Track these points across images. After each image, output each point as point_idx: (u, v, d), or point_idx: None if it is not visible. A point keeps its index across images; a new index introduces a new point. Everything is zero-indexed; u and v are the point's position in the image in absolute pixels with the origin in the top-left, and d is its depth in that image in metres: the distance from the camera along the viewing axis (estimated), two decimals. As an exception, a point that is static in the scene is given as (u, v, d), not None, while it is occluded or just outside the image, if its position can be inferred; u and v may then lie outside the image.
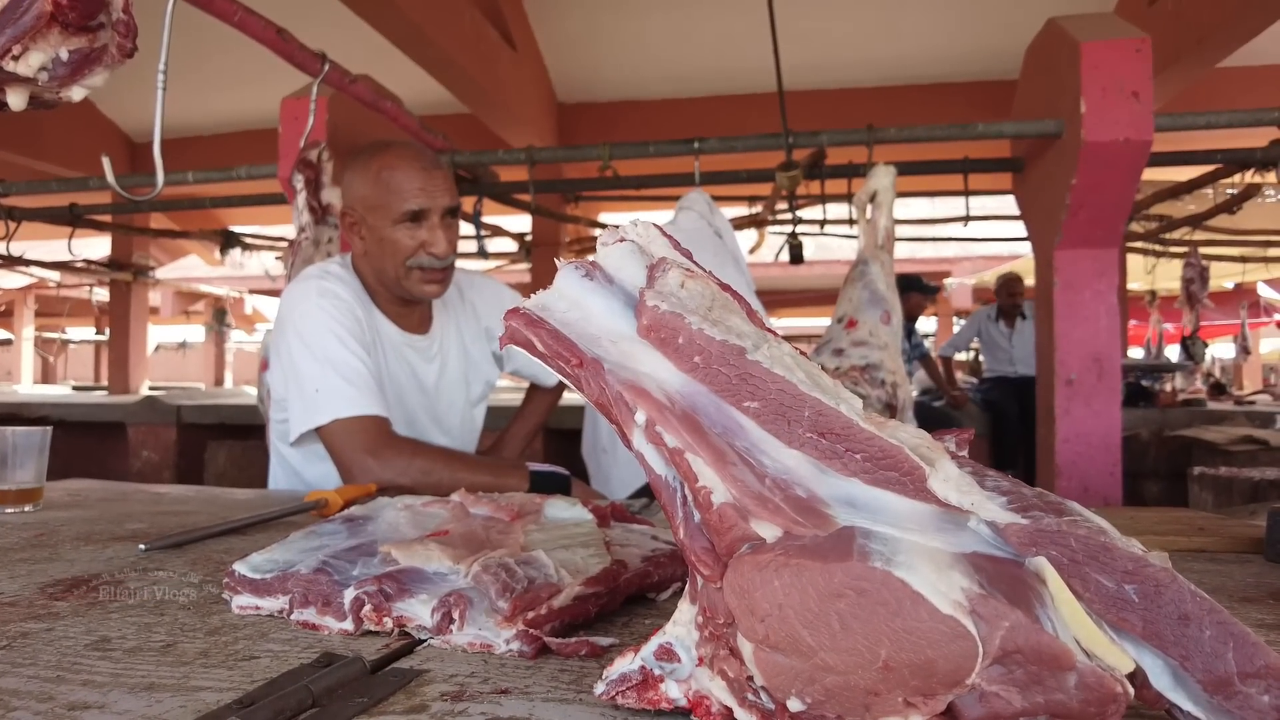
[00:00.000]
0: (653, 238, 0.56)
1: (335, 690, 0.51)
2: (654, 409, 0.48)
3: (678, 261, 0.53)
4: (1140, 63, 2.88)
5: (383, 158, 1.54)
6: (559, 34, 5.66)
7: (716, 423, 0.47)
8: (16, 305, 12.04)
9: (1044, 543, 0.41)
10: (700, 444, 0.46)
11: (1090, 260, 3.15)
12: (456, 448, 1.75)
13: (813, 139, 3.20)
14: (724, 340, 0.47)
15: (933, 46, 5.47)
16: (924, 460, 0.46)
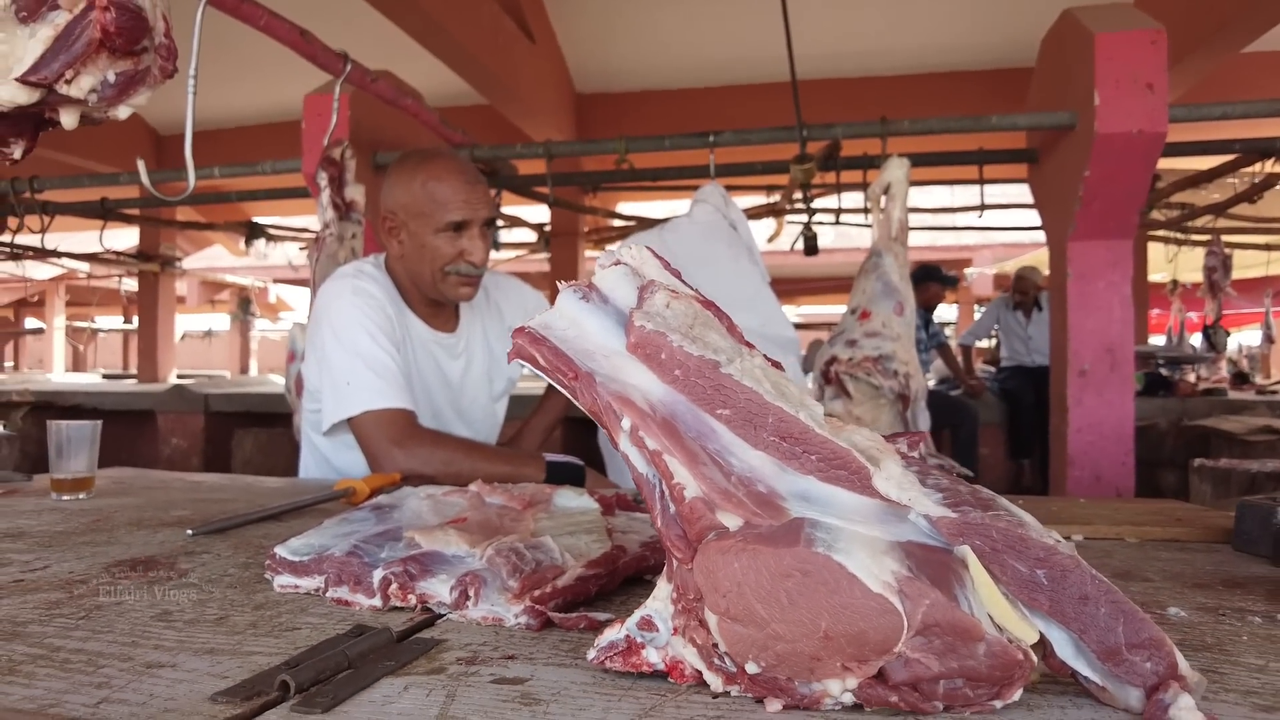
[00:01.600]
0: (645, 259, 0.62)
1: (367, 655, 0.59)
2: (638, 416, 0.54)
3: (665, 283, 0.60)
4: (1155, 54, 2.89)
5: (429, 168, 1.60)
6: (577, 25, 5.71)
7: (692, 428, 0.54)
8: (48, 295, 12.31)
9: (969, 533, 0.47)
10: (676, 447, 0.53)
11: (1104, 251, 3.17)
12: (479, 440, 1.83)
13: (827, 131, 3.23)
14: (701, 355, 0.54)
15: (950, 34, 5.46)
16: (871, 461, 0.52)
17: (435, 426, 1.72)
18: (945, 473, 0.55)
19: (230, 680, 0.55)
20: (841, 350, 3.11)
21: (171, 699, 0.53)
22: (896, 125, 3.15)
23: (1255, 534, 0.88)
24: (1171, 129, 3.04)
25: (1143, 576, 0.79)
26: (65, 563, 0.88)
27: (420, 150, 1.72)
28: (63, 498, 1.27)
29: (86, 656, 0.60)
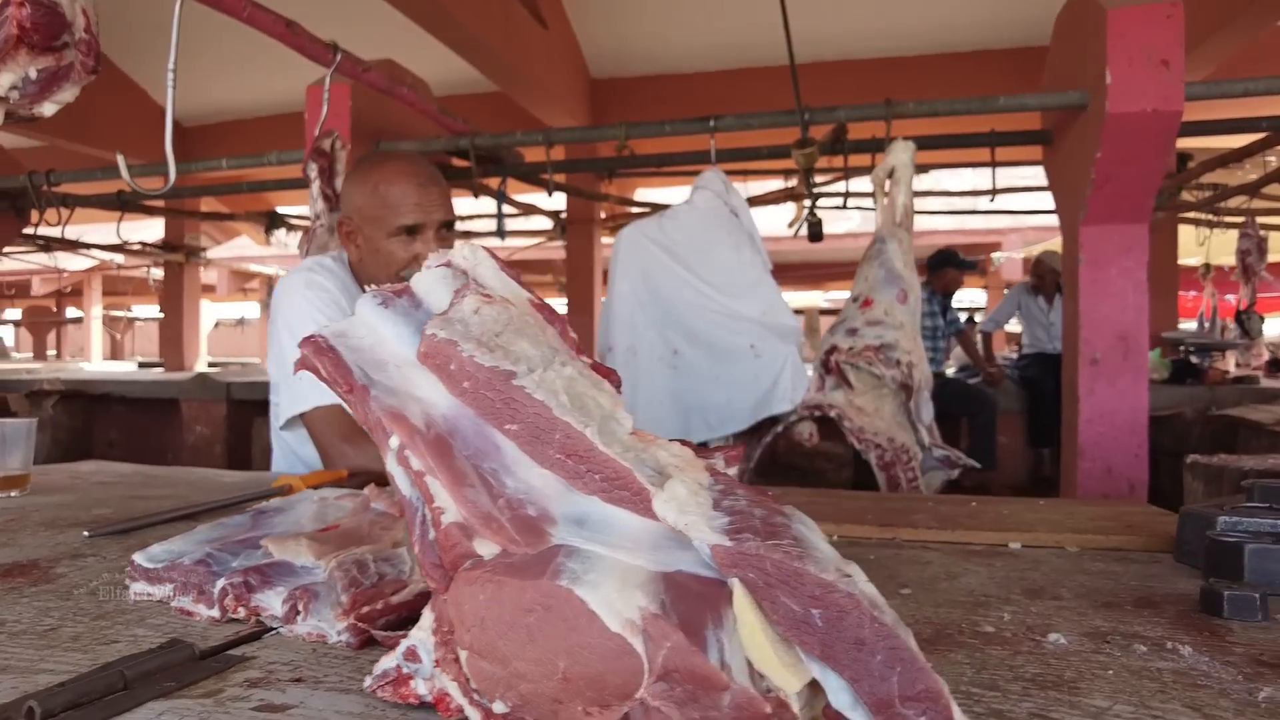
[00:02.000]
0: (479, 261, 0.58)
1: (152, 675, 0.56)
2: (407, 435, 0.51)
3: (480, 287, 0.56)
4: (1171, 29, 2.76)
5: (381, 170, 1.57)
6: (591, 10, 5.64)
7: (471, 445, 0.50)
8: (85, 285, 12.60)
9: (744, 565, 0.42)
10: (442, 467, 0.49)
11: (1117, 236, 3.05)
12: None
13: (830, 114, 3.15)
14: (493, 366, 0.49)
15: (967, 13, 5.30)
16: (659, 480, 0.48)
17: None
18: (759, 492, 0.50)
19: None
20: (842, 339, 3.05)
21: None
22: (901, 107, 3.06)
23: (1193, 545, 0.82)
24: (1203, 107, 2.90)
25: (1053, 594, 0.74)
26: (-51, 566, 0.87)
27: (379, 152, 1.69)
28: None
29: None
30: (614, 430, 0.51)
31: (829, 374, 3.05)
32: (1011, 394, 5.04)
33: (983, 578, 0.79)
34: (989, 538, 0.95)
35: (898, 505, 1.13)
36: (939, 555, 0.88)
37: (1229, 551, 0.74)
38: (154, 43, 6.01)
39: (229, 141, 7.15)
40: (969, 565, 0.84)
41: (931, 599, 0.71)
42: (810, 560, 0.41)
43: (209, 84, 6.73)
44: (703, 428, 3.07)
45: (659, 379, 3.07)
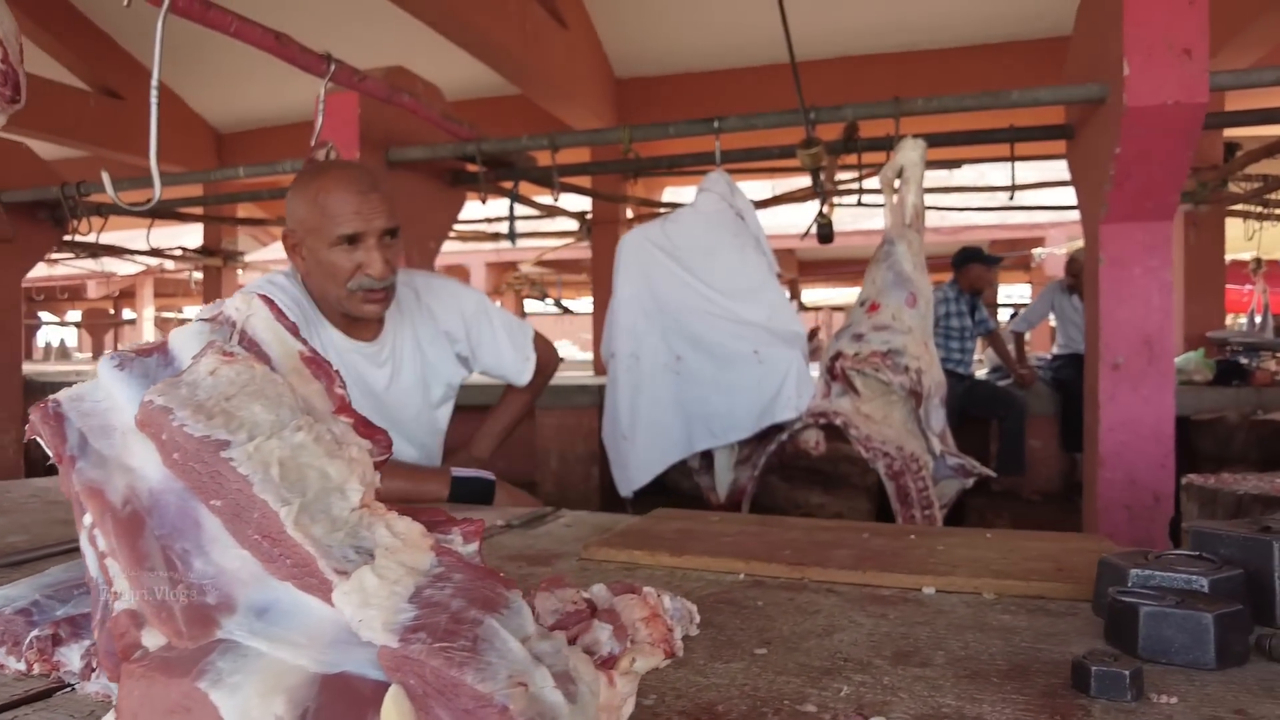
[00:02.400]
0: (254, 311, 0.54)
1: None
2: (98, 512, 0.48)
3: (230, 343, 0.52)
4: (1194, 16, 2.62)
5: (320, 181, 1.56)
6: (613, 9, 5.60)
7: (169, 523, 0.47)
8: (138, 287, 13.03)
9: (405, 669, 0.38)
10: (126, 548, 0.46)
11: (1140, 234, 2.92)
12: (413, 450, 1.78)
13: (836, 113, 3.07)
14: (203, 436, 0.46)
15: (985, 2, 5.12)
16: (349, 567, 0.44)
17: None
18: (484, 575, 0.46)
19: None
20: (847, 345, 2.96)
21: None
22: (909, 104, 2.97)
23: (1104, 598, 0.75)
24: (1254, 95, 2.74)
25: (924, 658, 0.67)
26: None
27: (319, 163, 1.68)
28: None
29: None
30: (329, 506, 0.47)
31: (835, 380, 2.97)
32: (1044, 396, 4.86)
33: (862, 634, 0.73)
34: (902, 580, 0.89)
35: (827, 537, 1.07)
36: (836, 602, 0.82)
37: (1124, 614, 0.67)
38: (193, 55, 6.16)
39: (264, 148, 7.29)
40: (859, 616, 0.78)
41: (781, 663, 0.66)
42: (473, 667, 0.37)
43: (243, 92, 6.87)
44: (706, 435, 3.02)
45: (662, 385, 3.02)
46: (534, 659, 0.40)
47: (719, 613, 0.79)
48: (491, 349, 1.87)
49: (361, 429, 0.53)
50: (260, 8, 5.23)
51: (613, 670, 0.48)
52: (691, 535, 1.09)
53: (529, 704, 0.36)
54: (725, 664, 0.65)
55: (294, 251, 1.59)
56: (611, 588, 0.71)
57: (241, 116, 7.33)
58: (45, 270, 11.50)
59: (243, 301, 0.55)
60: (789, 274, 11.59)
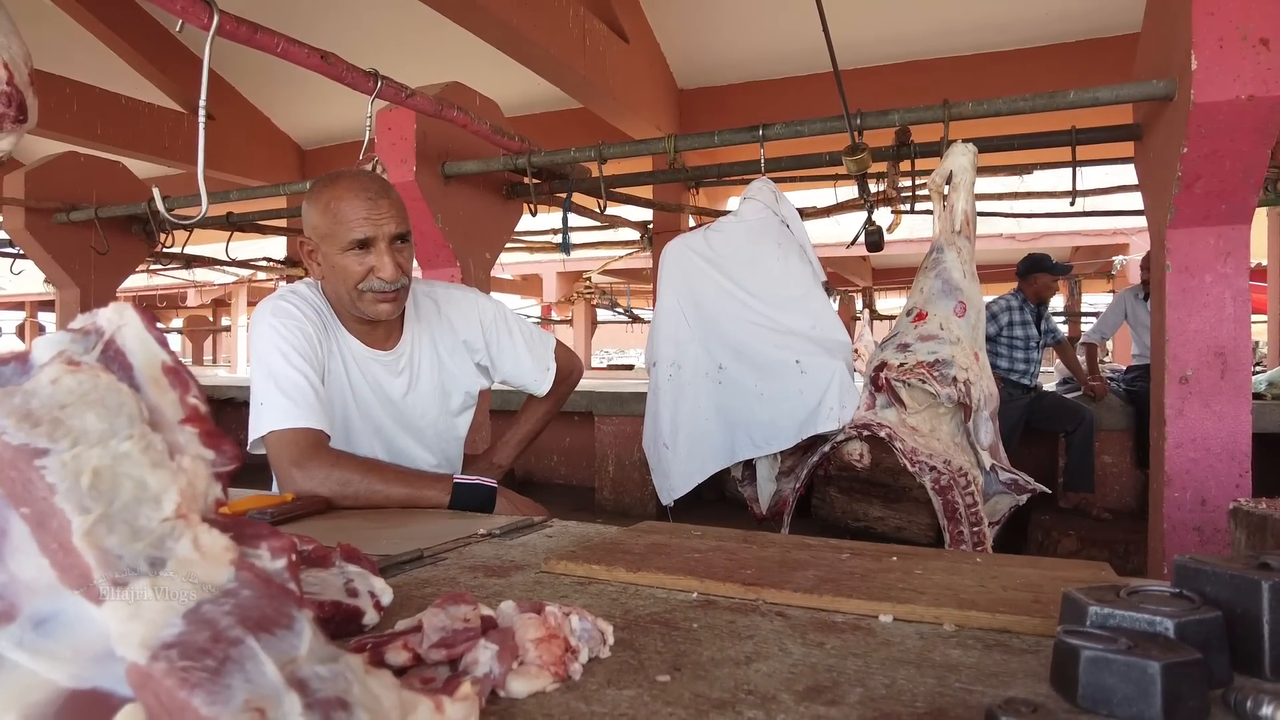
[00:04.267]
0: (126, 321, 0.56)
1: None
2: None
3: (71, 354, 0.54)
4: (1272, 3, 2.46)
5: (332, 188, 1.61)
6: (675, 22, 5.63)
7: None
8: (232, 296, 13.69)
9: (148, 688, 0.38)
10: None
11: (1211, 239, 2.75)
12: (431, 457, 1.81)
13: (883, 118, 3.00)
14: (21, 444, 0.48)
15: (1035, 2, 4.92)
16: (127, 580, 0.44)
17: (379, 444, 1.73)
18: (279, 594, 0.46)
19: None
20: (892, 355, 2.89)
21: None
22: (959, 108, 2.88)
23: (1059, 635, 0.70)
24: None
25: (836, 695, 0.64)
26: None
27: (333, 171, 1.73)
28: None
29: None
30: (135, 515, 0.48)
31: (879, 391, 2.89)
32: (1117, 409, 4.62)
33: (784, 664, 0.70)
34: (858, 606, 0.86)
35: (801, 556, 1.05)
36: (780, 626, 0.80)
37: (1066, 656, 0.62)
38: (278, 74, 6.45)
39: (343, 162, 7.58)
40: (794, 644, 0.75)
41: (676, 693, 0.64)
42: (205, 691, 0.37)
43: (324, 109, 7.16)
44: (748, 445, 2.98)
45: (704, 394, 3.00)
46: (289, 684, 0.40)
47: (646, 634, 0.77)
48: (511, 358, 1.89)
49: (207, 439, 0.54)
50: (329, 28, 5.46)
51: (443, 695, 0.48)
52: (661, 550, 1.07)
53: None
54: (618, 690, 0.64)
55: (310, 258, 1.65)
56: (519, 606, 0.71)
57: (323, 132, 7.64)
58: (146, 280, 12.20)
59: (115, 312, 0.57)
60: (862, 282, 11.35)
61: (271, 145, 7.42)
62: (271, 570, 0.52)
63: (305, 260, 1.66)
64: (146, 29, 5.98)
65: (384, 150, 3.66)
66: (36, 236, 4.88)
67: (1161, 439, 2.81)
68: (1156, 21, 2.88)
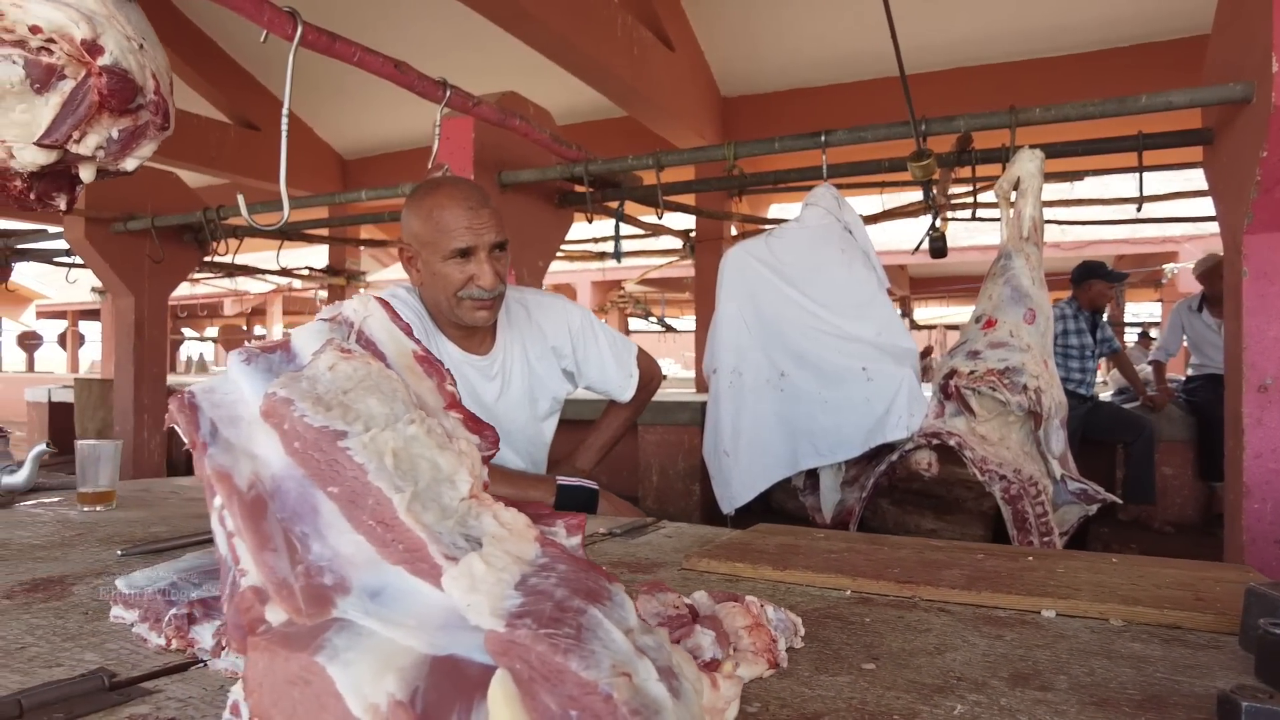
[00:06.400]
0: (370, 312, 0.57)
1: (50, 704, 0.58)
2: (226, 495, 0.50)
3: (348, 341, 0.54)
4: (1355, 5, 2.41)
5: (434, 197, 1.63)
6: (718, 29, 5.64)
7: (289, 507, 0.48)
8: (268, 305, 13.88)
9: (511, 655, 0.38)
10: (250, 529, 0.48)
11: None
12: (521, 461, 1.82)
13: (948, 124, 2.97)
14: (322, 426, 0.48)
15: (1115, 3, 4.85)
16: (458, 554, 0.44)
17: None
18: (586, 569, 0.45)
19: None
20: (962, 362, 2.85)
21: None
22: (1027, 114, 2.84)
23: (1252, 631, 0.68)
24: None
25: (1044, 682, 0.63)
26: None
27: (431, 180, 1.74)
28: (84, 509, 1.39)
29: None
30: (439, 494, 0.48)
31: (949, 399, 2.85)
32: (1178, 420, 4.53)
33: (975, 654, 0.69)
34: (1018, 602, 0.84)
35: (938, 557, 1.03)
36: (947, 622, 0.78)
37: (1275, 647, 0.61)
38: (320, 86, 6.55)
39: (385, 172, 7.66)
40: (972, 636, 0.74)
41: (890, 679, 0.63)
42: (577, 655, 0.37)
43: (366, 120, 7.25)
44: (811, 454, 2.95)
45: (765, 402, 2.98)
46: (637, 651, 0.39)
47: (824, 627, 0.77)
48: (597, 365, 1.89)
49: (470, 424, 0.54)
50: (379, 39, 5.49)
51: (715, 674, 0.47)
52: (795, 550, 1.06)
53: (632, 695, 0.35)
54: (831, 677, 0.63)
55: (410, 264, 1.66)
56: (713, 595, 0.70)
57: (364, 143, 7.73)
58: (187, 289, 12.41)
59: (360, 303, 0.58)
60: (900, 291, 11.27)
61: (314, 155, 7.51)
62: (570, 546, 0.52)
63: (405, 266, 1.67)
64: (193, 41, 6.09)
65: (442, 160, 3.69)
66: (95, 245, 4.97)
67: (1239, 449, 2.74)
68: (1230, 23, 2.84)
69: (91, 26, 1.19)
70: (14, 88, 1.15)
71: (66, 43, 1.20)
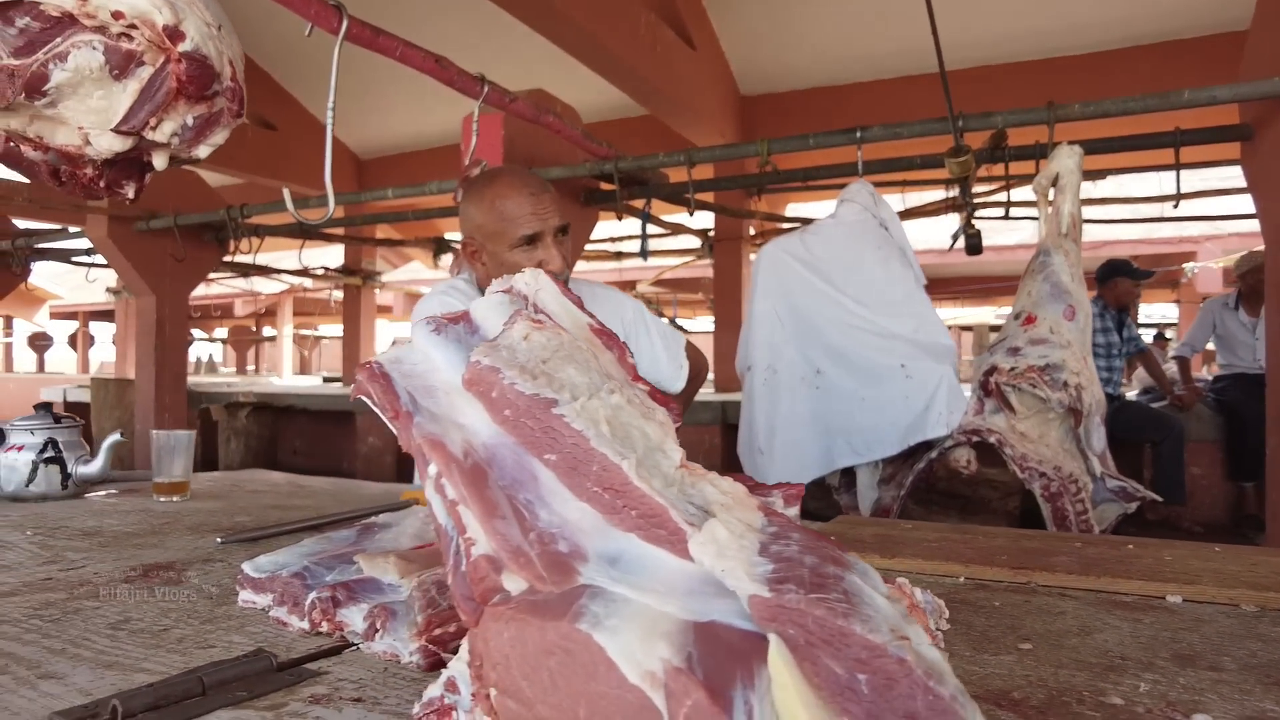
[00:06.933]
0: (541, 285, 0.56)
1: (230, 682, 0.57)
2: (443, 462, 0.49)
3: (535, 313, 0.54)
4: (1401, 1, 2.40)
5: (495, 187, 1.62)
6: (739, 28, 5.63)
7: (509, 475, 0.47)
8: (279, 306, 13.88)
9: (783, 619, 0.37)
10: (475, 497, 0.47)
11: (1335, 241, 2.68)
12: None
13: (986, 120, 2.96)
14: (534, 394, 0.47)
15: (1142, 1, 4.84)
16: (701, 519, 0.43)
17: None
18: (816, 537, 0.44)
19: (92, 698, 0.55)
20: (1003, 359, 2.84)
21: (15, 714, 0.53)
22: (1065, 110, 2.83)
23: None
24: None
25: (1211, 662, 0.62)
26: (101, 563, 0.95)
27: (488, 171, 1.74)
28: (160, 499, 1.38)
29: (5, 662, 0.63)
30: (657, 463, 0.47)
31: (988, 396, 2.84)
32: (1206, 420, 4.50)
33: (1123, 635, 0.68)
34: (1141, 587, 0.83)
35: (1037, 545, 1.02)
36: (1076, 605, 0.77)
37: None
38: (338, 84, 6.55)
39: (400, 172, 7.66)
40: (1110, 619, 0.73)
41: (1054, 657, 0.62)
42: (858, 618, 0.36)
43: (380, 120, 7.25)
44: (847, 452, 2.93)
45: (800, 400, 2.97)
46: (903, 616, 0.38)
47: (957, 611, 0.76)
48: (648, 355, 1.88)
49: (656, 397, 0.54)
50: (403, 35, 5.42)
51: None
52: (893, 540, 1.05)
53: (917, 658, 0.34)
54: (994, 656, 0.62)
55: (474, 258, 1.65)
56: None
57: (379, 143, 7.73)
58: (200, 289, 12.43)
59: (531, 277, 0.57)
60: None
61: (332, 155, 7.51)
62: (789, 516, 0.51)
63: (469, 261, 1.66)
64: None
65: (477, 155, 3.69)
66: (117, 244, 4.97)
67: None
68: (1271, 18, 2.82)
69: (173, 12, 1.18)
70: (93, 74, 1.14)
71: (148, 28, 1.19)
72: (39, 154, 1.23)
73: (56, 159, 1.25)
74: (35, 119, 1.17)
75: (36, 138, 1.19)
